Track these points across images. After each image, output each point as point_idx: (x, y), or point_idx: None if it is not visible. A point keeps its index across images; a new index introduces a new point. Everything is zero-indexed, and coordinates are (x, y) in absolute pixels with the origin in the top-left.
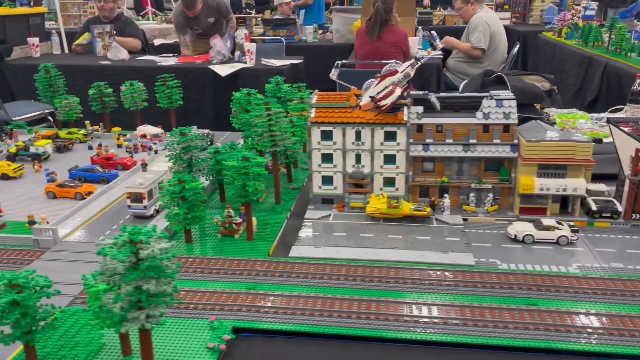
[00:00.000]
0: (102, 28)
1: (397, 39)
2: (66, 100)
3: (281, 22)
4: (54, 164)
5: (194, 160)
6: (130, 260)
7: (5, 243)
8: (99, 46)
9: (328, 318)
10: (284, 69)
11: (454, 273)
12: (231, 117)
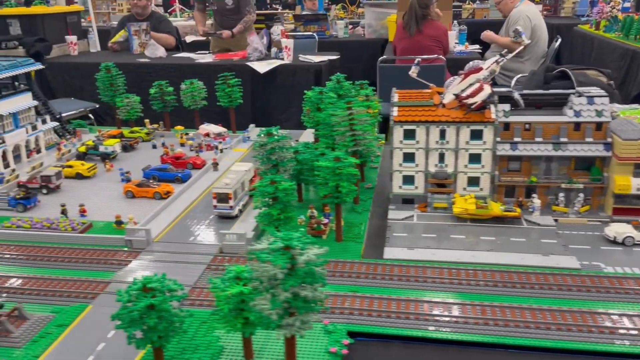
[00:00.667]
0: (138, 26)
1: (438, 34)
2: (127, 99)
3: (312, 18)
4: (121, 163)
5: (280, 160)
6: (287, 267)
7: (96, 243)
8: (136, 44)
9: (444, 323)
10: (322, 65)
11: (556, 277)
12: (303, 115)
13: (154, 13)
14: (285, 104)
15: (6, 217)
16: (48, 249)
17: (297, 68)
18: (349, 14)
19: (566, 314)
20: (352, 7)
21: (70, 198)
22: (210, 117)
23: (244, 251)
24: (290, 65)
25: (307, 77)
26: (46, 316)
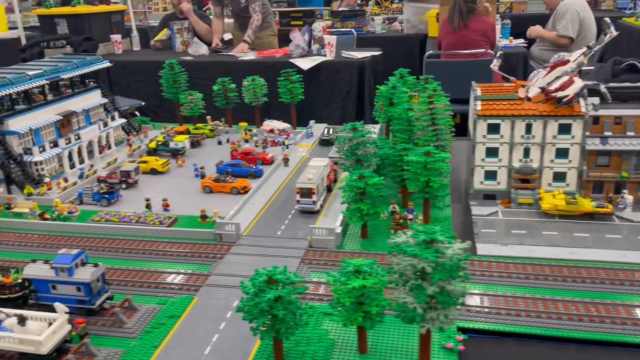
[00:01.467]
0: (180, 24)
1: (485, 28)
2: (190, 96)
3: (350, 14)
4: (190, 158)
5: (365, 155)
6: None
7: (186, 237)
8: (178, 42)
9: (556, 320)
10: (365, 61)
11: None
12: (375, 110)
13: (195, 10)
14: (328, 100)
15: (93, 211)
16: (140, 242)
17: (340, 64)
18: (382, 9)
19: None
20: (386, 3)
21: (148, 192)
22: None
23: (333, 245)
24: (333, 61)
25: (350, 73)
26: (154, 307)
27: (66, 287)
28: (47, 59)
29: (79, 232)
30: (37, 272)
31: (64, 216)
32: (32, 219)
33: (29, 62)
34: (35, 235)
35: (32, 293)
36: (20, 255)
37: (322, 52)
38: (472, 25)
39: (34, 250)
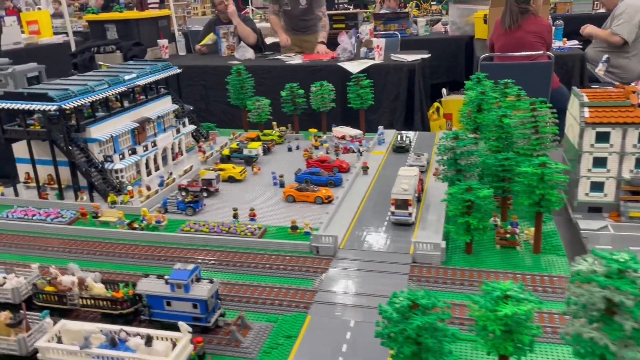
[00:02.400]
0: (226, 28)
1: (540, 29)
2: (258, 102)
3: (393, 16)
4: (263, 166)
5: (468, 165)
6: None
7: (280, 249)
8: (224, 46)
9: None
10: (415, 64)
11: None
12: (463, 117)
13: (239, 14)
14: (376, 104)
15: (181, 221)
16: (234, 254)
17: (390, 67)
18: (422, 11)
19: None
20: (426, 5)
21: (229, 201)
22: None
23: (438, 261)
24: (382, 64)
25: (400, 76)
26: (266, 325)
27: (182, 304)
28: (119, 65)
29: (169, 242)
30: (152, 287)
31: (153, 225)
32: (121, 228)
33: (102, 69)
34: (123, 245)
35: (145, 309)
36: (110, 266)
37: (369, 56)
38: (526, 26)
39: (123, 260)
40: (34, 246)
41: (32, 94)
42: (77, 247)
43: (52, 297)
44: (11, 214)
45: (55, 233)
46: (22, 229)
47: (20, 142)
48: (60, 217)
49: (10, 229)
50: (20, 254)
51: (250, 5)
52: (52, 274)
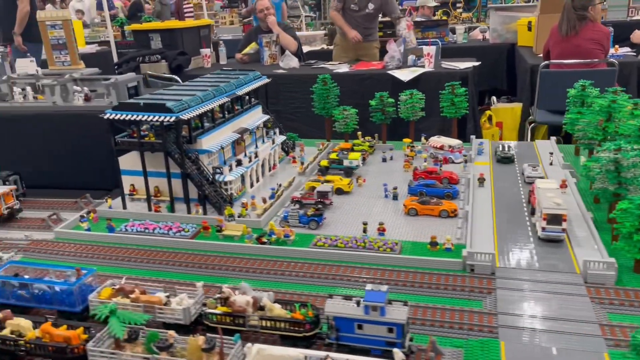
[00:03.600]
0: (269, 37)
1: (599, 36)
2: (345, 112)
3: (432, 24)
4: (361, 177)
5: (632, 178)
6: None
7: (425, 266)
8: (266, 55)
9: None
10: (468, 71)
11: None
12: (595, 126)
13: (280, 23)
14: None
15: (306, 235)
16: (378, 271)
17: (442, 75)
18: (451, 19)
19: None
20: (456, 12)
21: (343, 214)
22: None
23: (612, 281)
24: (434, 72)
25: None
26: (455, 351)
27: (376, 328)
28: (211, 75)
29: (301, 257)
30: (342, 309)
31: (281, 240)
32: (249, 242)
33: (198, 79)
34: (254, 260)
35: (331, 332)
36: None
37: (418, 63)
38: (583, 33)
39: (258, 277)
40: (163, 261)
41: (149, 104)
42: (205, 261)
43: (227, 317)
44: (130, 227)
45: (180, 247)
46: (144, 243)
47: (127, 153)
48: (182, 231)
49: (132, 242)
50: (153, 269)
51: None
52: (224, 293)
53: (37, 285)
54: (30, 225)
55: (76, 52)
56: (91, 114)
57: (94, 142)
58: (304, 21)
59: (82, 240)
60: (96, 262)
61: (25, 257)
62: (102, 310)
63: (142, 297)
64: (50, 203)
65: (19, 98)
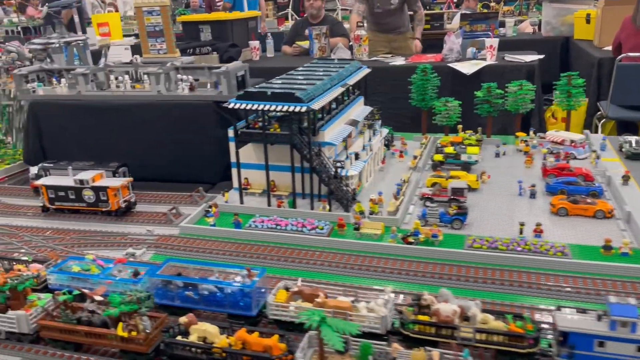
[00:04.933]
0: (319, 29)
1: None
2: (448, 104)
3: (481, 17)
4: (478, 173)
5: None
6: None
7: (608, 273)
8: (316, 47)
9: None
10: (535, 64)
11: None
12: None
13: (327, 16)
14: None
15: (453, 235)
16: (558, 277)
17: (506, 69)
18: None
19: None
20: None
21: (484, 213)
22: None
23: None
24: (498, 65)
25: (517, 77)
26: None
27: (622, 346)
28: (311, 64)
29: (454, 260)
30: (579, 324)
31: (429, 240)
32: (392, 242)
33: (305, 67)
34: (403, 261)
35: (560, 347)
36: (402, 286)
37: (478, 56)
38: None
39: (403, 279)
40: (304, 260)
41: (277, 93)
42: (342, 260)
43: (431, 328)
44: (258, 223)
45: (316, 245)
46: (276, 240)
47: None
48: (316, 228)
49: (263, 239)
50: (291, 268)
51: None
52: (425, 300)
53: (205, 285)
54: (150, 219)
55: (173, 39)
56: (198, 103)
57: (200, 133)
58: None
59: (209, 236)
60: (227, 259)
61: (157, 253)
62: (312, 318)
63: (330, 302)
64: (162, 196)
65: (115, 87)
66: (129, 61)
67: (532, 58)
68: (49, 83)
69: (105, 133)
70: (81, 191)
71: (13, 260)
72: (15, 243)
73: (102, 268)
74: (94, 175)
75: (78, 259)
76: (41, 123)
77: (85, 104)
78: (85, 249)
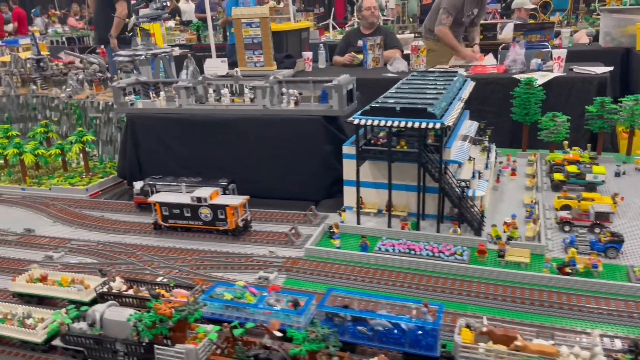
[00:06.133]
0: (373, 40)
1: None
2: (556, 119)
3: (536, 27)
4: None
5: None
6: None
7: None
8: (370, 58)
9: None
10: (607, 77)
11: None
12: None
13: (380, 27)
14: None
15: (613, 266)
16: None
17: (576, 81)
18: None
19: None
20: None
21: (631, 239)
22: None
23: None
24: (566, 77)
25: (588, 90)
26: None
27: None
28: (413, 77)
29: (619, 293)
30: None
31: (587, 271)
32: (546, 272)
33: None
34: (553, 294)
35: None
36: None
37: (543, 67)
38: None
39: (564, 314)
40: (446, 289)
41: (407, 109)
42: (484, 291)
43: None
44: (388, 246)
45: (455, 274)
46: (409, 266)
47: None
48: (455, 254)
49: (395, 264)
50: (429, 297)
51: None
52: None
53: (378, 321)
54: (269, 239)
55: (271, 52)
56: (305, 118)
57: (305, 148)
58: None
59: (336, 259)
60: (363, 284)
61: (289, 277)
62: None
63: (532, 347)
64: (274, 215)
65: (214, 100)
66: (226, 74)
67: (603, 70)
68: (144, 96)
69: (206, 148)
70: (198, 209)
71: (154, 284)
72: (136, 263)
73: (256, 296)
74: (211, 192)
75: (226, 284)
76: (139, 137)
77: (187, 117)
78: (212, 270)
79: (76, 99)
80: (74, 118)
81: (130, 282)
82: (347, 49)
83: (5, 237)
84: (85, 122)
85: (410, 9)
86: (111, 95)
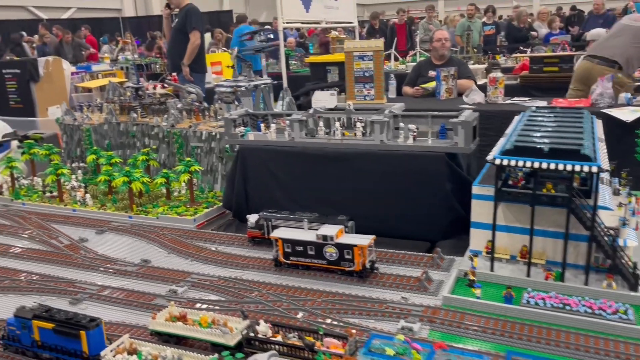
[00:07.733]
0: (447, 71)
1: None
2: None
3: None
4: None
5: None
6: None
7: None
8: (443, 89)
9: None
10: None
11: None
12: None
13: (453, 57)
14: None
15: None
16: None
17: None
18: None
19: None
20: None
21: None
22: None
23: None
24: None
25: None
26: None
27: None
28: (534, 113)
29: None
30: None
31: None
32: None
33: None
34: None
35: None
36: None
37: (633, 102)
38: None
39: None
40: (613, 352)
41: (558, 150)
42: None
43: None
44: (537, 299)
45: (618, 335)
46: (562, 323)
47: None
48: (618, 313)
49: (545, 320)
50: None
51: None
52: None
53: None
54: (398, 283)
55: (382, 85)
56: (427, 155)
57: (425, 186)
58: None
59: (477, 311)
60: (506, 341)
61: (432, 329)
62: None
63: None
64: (396, 255)
65: (324, 134)
66: (334, 107)
67: None
68: (252, 127)
69: (316, 182)
70: (323, 247)
71: (302, 330)
72: (265, 303)
73: (420, 353)
74: (337, 231)
75: (381, 337)
76: (248, 168)
77: (299, 150)
78: (345, 315)
79: (178, 127)
80: (175, 147)
81: (276, 326)
82: (417, 80)
83: (124, 268)
84: (187, 151)
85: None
86: (212, 125)
